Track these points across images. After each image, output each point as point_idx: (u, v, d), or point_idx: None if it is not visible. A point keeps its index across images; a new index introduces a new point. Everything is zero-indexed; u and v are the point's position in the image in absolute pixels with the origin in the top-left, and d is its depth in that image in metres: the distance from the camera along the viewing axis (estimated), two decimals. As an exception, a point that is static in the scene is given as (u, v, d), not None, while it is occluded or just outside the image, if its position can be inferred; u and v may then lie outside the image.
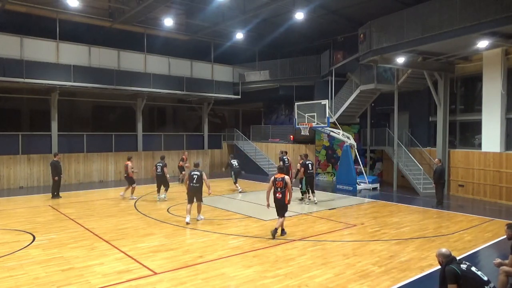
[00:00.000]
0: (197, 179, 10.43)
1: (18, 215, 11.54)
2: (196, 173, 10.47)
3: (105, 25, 19.70)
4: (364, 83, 17.94)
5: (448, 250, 5.02)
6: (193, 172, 10.51)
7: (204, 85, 22.33)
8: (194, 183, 10.42)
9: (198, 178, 10.43)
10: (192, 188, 10.43)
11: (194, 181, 10.41)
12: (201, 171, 10.54)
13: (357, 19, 18.26)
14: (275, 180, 9.11)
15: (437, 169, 13.25)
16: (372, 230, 9.94)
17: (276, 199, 9.12)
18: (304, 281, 6.45)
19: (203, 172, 10.53)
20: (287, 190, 9.06)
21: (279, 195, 9.05)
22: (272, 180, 9.16)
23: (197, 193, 10.50)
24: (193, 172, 10.51)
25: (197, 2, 18.88)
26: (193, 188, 10.43)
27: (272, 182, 9.14)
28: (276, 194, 9.08)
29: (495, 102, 14.28)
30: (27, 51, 16.95)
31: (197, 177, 10.43)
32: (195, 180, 10.41)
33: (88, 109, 22.48)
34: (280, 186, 9.05)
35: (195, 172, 10.48)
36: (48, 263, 7.25)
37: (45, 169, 18.06)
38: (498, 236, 9.27)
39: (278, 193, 9.05)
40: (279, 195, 9.05)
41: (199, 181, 10.44)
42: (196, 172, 10.48)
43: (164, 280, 6.45)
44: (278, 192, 9.05)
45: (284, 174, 9.32)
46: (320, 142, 21.07)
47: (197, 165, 10.91)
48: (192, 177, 10.43)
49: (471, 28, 11.55)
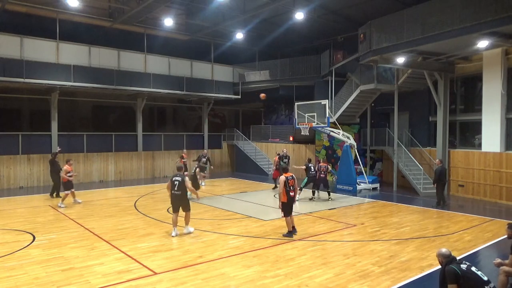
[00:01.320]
0: (178, 186, 9.10)
1: (18, 215, 11.54)
2: (177, 179, 9.15)
3: (105, 25, 19.70)
4: (364, 83, 17.94)
5: (448, 250, 5.02)
6: (174, 177, 9.18)
7: (204, 85, 22.33)
8: (175, 191, 9.13)
9: (180, 184, 9.10)
10: (174, 197, 9.18)
11: (176, 188, 9.11)
12: (183, 177, 9.20)
13: (357, 19, 18.26)
14: (287, 179, 9.07)
15: (437, 170, 13.22)
16: (372, 230, 9.94)
17: (291, 198, 9.14)
18: (304, 281, 6.45)
19: (185, 178, 9.21)
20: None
21: (292, 193, 9.15)
22: (284, 180, 9.05)
23: (181, 202, 9.25)
24: (175, 177, 9.17)
25: (197, 2, 18.88)
26: (175, 196, 9.16)
27: (285, 182, 9.04)
28: (290, 193, 9.09)
29: (495, 102, 14.28)
30: (27, 51, 16.95)
31: (179, 183, 9.10)
32: (176, 187, 9.10)
33: (88, 109, 22.48)
34: (292, 185, 9.12)
35: (176, 178, 9.15)
36: (48, 263, 7.25)
37: (45, 169, 18.04)
38: (498, 236, 9.28)
39: (292, 192, 9.11)
40: (292, 193, 9.14)
41: (181, 188, 9.12)
42: (177, 178, 9.16)
43: (164, 280, 6.45)
44: (291, 190, 9.10)
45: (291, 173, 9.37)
46: (320, 142, 21.07)
47: (180, 168, 9.54)
48: (174, 184, 9.12)
49: (471, 28, 11.56)
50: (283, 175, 9.16)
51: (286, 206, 9.10)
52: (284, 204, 9.10)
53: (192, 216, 11.24)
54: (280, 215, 9.33)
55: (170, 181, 9.22)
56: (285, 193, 9.03)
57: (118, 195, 15.43)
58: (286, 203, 9.09)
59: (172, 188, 9.17)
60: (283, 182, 9.04)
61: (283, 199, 9.07)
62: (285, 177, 9.09)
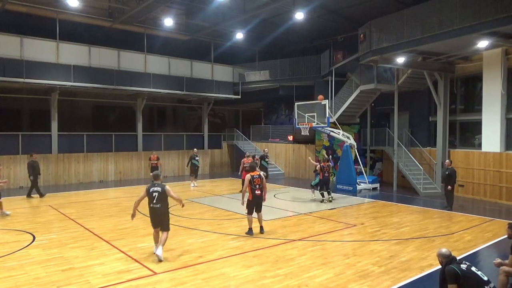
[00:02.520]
0: (158, 198, 7.50)
1: (18, 215, 11.54)
2: (156, 189, 7.54)
3: (105, 25, 19.70)
4: (364, 83, 17.95)
5: (448, 250, 5.02)
6: (152, 188, 7.57)
7: (204, 85, 22.33)
8: (154, 204, 7.56)
9: (159, 196, 7.49)
10: (153, 211, 7.59)
11: (154, 200, 7.53)
12: (164, 186, 7.60)
13: (357, 19, 18.27)
14: (253, 178, 9.24)
15: (452, 171, 12.71)
16: (372, 230, 9.94)
17: (257, 196, 9.28)
18: (304, 281, 6.45)
19: (166, 187, 7.60)
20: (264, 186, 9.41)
21: (258, 192, 9.27)
22: (249, 179, 9.21)
23: (161, 217, 7.59)
24: (152, 188, 7.57)
25: (197, 2, 18.88)
26: (154, 210, 7.58)
27: (250, 180, 9.21)
28: (256, 191, 9.24)
29: (495, 102, 14.28)
30: (27, 51, 16.95)
31: (158, 195, 7.49)
32: (155, 200, 7.52)
33: (88, 109, 22.47)
34: (259, 183, 9.28)
35: (154, 188, 7.56)
36: (48, 263, 7.25)
37: (45, 169, 18.07)
38: (498, 236, 9.28)
39: (257, 190, 9.26)
40: (258, 191, 9.26)
41: (161, 200, 7.52)
42: (156, 188, 7.56)
43: (164, 280, 6.45)
44: (257, 189, 9.26)
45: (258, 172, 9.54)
46: (320, 142, 21.08)
47: (157, 176, 7.84)
48: (152, 196, 7.54)
49: (471, 28, 11.56)
50: (248, 174, 9.32)
51: (251, 203, 9.25)
52: (249, 201, 9.27)
53: (192, 216, 11.30)
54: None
55: (146, 192, 7.57)
56: (251, 191, 9.19)
57: (118, 195, 15.43)
58: (251, 201, 9.24)
59: (150, 201, 7.58)
60: (248, 180, 9.19)
61: (249, 197, 9.25)
62: (251, 175, 9.22)
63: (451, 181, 12.55)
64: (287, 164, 22.78)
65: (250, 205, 9.29)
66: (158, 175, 7.89)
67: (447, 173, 12.59)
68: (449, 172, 12.58)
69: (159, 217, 7.63)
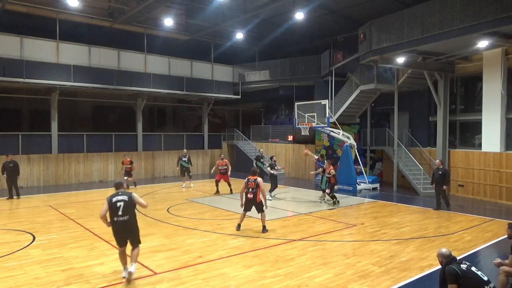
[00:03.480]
0: (124, 209, 6.34)
1: (18, 215, 11.54)
2: (121, 199, 6.38)
3: (105, 25, 19.69)
4: (364, 83, 17.94)
5: (448, 250, 5.02)
6: (115, 197, 6.37)
7: (204, 85, 22.33)
8: (120, 216, 6.32)
9: (126, 206, 6.36)
10: (119, 226, 6.36)
11: (120, 212, 6.31)
12: (130, 194, 6.51)
13: (357, 19, 18.25)
14: (248, 181, 9.57)
15: (447, 171, 12.78)
16: (372, 230, 9.94)
17: (248, 200, 9.60)
18: (304, 281, 6.45)
19: (133, 194, 6.54)
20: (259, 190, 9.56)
21: (250, 195, 9.54)
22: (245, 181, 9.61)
23: (129, 230, 6.46)
24: (116, 197, 6.37)
25: (197, 2, 18.88)
26: (120, 224, 6.35)
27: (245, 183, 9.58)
28: (249, 194, 9.55)
29: (495, 102, 14.28)
30: (27, 51, 16.95)
31: (124, 204, 6.35)
32: (121, 211, 6.32)
33: (88, 109, 22.48)
34: (252, 187, 9.52)
35: (119, 198, 6.38)
36: (48, 263, 7.25)
37: (45, 169, 18.09)
38: (498, 236, 9.27)
39: (250, 193, 9.54)
40: (250, 195, 9.54)
41: (128, 211, 6.38)
42: (121, 197, 6.39)
43: (164, 280, 6.45)
44: (250, 192, 9.53)
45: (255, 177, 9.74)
46: (320, 142, 21.07)
47: (120, 184, 6.65)
48: (116, 206, 6.32)
49: (471, 28, 11.56)
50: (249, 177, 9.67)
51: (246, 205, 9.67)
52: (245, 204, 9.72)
53: (192, 216, 11.31)
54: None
55: (108, 204, 6.35)
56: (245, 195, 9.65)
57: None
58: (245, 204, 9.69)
59: (113, 213, 6.35)
60: (244, 183, 9.62)
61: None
62: (247, 178, 9.64)
63: (446, 181, 12.47)
64: (287, 164, 22.76)
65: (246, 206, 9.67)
66: (121, 183, 6.72)
67: (440, 173, 12.39)
68: (442, 172, 12.44)
69: (128, 231, 6.44)
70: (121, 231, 6.45)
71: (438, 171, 12.50)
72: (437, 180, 12.46)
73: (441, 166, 12.62)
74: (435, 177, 12.61)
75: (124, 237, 6.51)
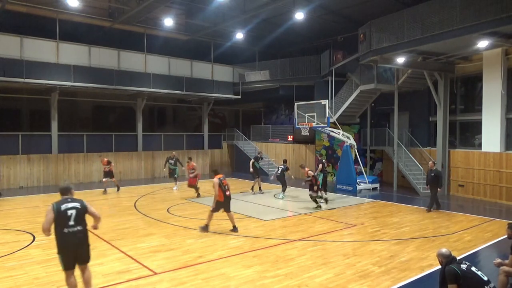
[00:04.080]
0: (76, 218, 5.36)
1: (18, 215, 11.54)
2: (73, 206, 5.41)
3: (105, 25, 19.70)
4: (364, 83, 17.94)
5: (448, 250, 5.02)
6: (64, 205, 5.36)
7: (204, 85, 22.33)
8: (71, 227, 5.31)
9: (78, 214, 5.39)
10: (70, 237, 5.29)
11: (71, 221, 5.32)
12: (82, 201, 5.54)
13: (357, 19, 18.26)
14: (221, 180, 9.53)
15: (439, 172, 12.69)
16: (372, 230, 9.94)
17: (228, 197, 9.63)
18: (304, 281, 6.45)
19: (86, 202, 5.59)
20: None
21: (228, 193, 9.64)
22: (218, 182, 9.46)
23: (81, 245, 5.42)
24: (65, 205, 5.36)
25: (197, 2, 18.89)
26: (72, 236, 5.30)
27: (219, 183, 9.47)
28: (226, 192, 9.56)
29: (495, 102, 14.28)
30: (27, 51, 16.95)
31: (77, 213, 5.38)
32: (72, 220, 5.32)
33: (88, 109, 22.48)
34: (226, 184, 9.63)
35: (69, 205, 5.39)
36: (48, 263, 7.25)
37: (45, 169, 18.08)
38: (498, 236, 9.28)
39: (227, 191, 9.61)
40: (228, 192, 9.63)
41: (80, 220, 5.41)
42: (72, 205, 5.42)
43: (164, 280, 6.45)
44: (227, 190, 9.61)
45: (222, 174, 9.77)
46: (320, 142, 21.07)
47: (68, 190, 5.60)
48: (66, 215, 5.30)
49: (471, 28, 11.56)
50: (215, 177, 9.54)
51: (221, 204, 9.54)
52: (219, 202, 9.52)
53: (192, 216, 11.35)
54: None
55: (54, 212, 5.27)
56: (222, 193, 9.46)
57: (118, 195, 15.43)
58: (222, 202, 9.53)
59: (64, 223, 5.28)
60: (218, 183, 9.42)
61: (219, 198, 9.48)
62: (218, 178, 9.50)
63: (440, 183, 12.31)
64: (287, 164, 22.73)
65: (219, 205, 9.55)
66: (69, 188, 5.62)
67: (433, 175, 12.20)
68: (435, 173, 12.27)
69: (81, 245, 5.40)
70: (73, 244, 5.31)
71: (431, 172, 12.35)
72: (430, 181, 12.34)
73: (434, 168, 12.50)
74: (428, 178, 12.54)
75: (74, 252, 5.36)
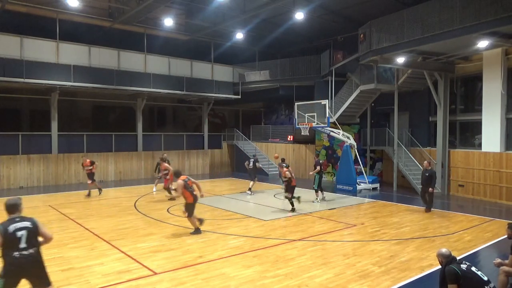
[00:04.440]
0: (28, 240, 4.67)
1: (18, 215, 11.52)
2: (23, 226, 4.69)
3: (105, 25, 19.70)
4: (364, 83, 17.94)
5: (448, 250, 5.02)
6: (12, 225, 4.64)
7: (204, 85, 22.34)
8: (23, 250, 4.61)
9: (30, 235, 4.71)
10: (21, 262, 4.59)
11: (22, 244, 4.62)
12: (33, 219, 4.81)
13: (357, 19, 18.26)
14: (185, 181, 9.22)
15: (433, 173, 12.38)
16: (372, 230, 9.94)
17: (197, 197, 9.38)
18: (304, 281, 6.45)
19: (37, 221, 4.83)
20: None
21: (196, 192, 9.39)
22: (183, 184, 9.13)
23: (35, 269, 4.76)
24: (14, 225, 4.64)
25: (197, 2, 18.89)
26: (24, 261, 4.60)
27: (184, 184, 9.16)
28: (194, 192, 9.33)
29: (495, 102, 14.28)
30: (27, 51, 16.95)
31: (28, 233, 4.69)
32: (24, 242, 4.62)
33: (88, 109, 22.49)
34: (192, 185, 9.37)
35: (19, 225, 4.67)
36: (48, 263, 7.17)
37: (45, 169, 18.08)
38: (498, 236, 9.28)
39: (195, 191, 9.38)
40: (195, 192, 9.39)
41: (33, 242, 4.73)
42: (22, 224, 4.69)
43: (164, 280, 6.45)
44: (195, 190, 9.38)
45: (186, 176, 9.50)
46: (320, 142, 21.07)
47: (15, 207, 4.83)
48: (15, 237, 4.59)
49: (471, 28, 11.56)
50: (180, 179, 9.24)
51: (192, 206, 9.27)
52: (189, 204, 9.24)
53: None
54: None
55: (3, 235, 4.55)
56: (190, 194, 9.20)
57: (118, 195, 15.43)
58: (192, 204, 9.26)
59: (13, 247, 4.58)
60: (182, 186, 9.09)
61: (188, 200, 9.21)
62: (183, 180, 9.21)
63: (433, 183, 12.05)
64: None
65: (191, 207, 9.26)
66: (16, 204, 4.84)
67: (427, 175, 12.01)
68: (429, 173, 12.04)
69: (35, 270, 4.73)
70: (26, 270, 4.63)
71: (426, 172, 12.14)
72: (424, 181, 12.16)
73: (429, 168, 12.22)
74: (422, 178, 12.34)
75: (29, 278, 4.71)
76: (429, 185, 12.00)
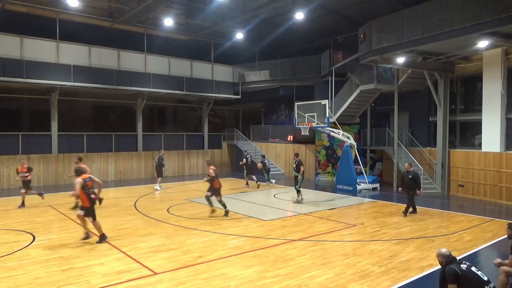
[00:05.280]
0: None
1: (18, 215, 11.54)
2: None
3: (105, 25, 19.70)
4: (364, 83, 17.95)
5: (448, 250, 5.02)
6: None
7: (204, 85, 22.33)
8: None
9: None
10: None
11: None
12: None
13: (357, 19, 18.26)
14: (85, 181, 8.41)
15: (417, 174, 11.97)
16: (372, 230, 9.94)
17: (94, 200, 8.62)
18: (304, 281, 6.45)
19: None
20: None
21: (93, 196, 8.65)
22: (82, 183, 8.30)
23: None
24: None
25: (197, 2, 18.89)
26: None
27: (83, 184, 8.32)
28: (91, 195, 8.55)
29: (495, 102, 14.28)
30: (27, 51, 16.95)
31: None
32: None
33: (88, 109, 22.48)
34: (91, 186, 8.63)
35: None
36: (48, 263, 7.25)
37: (45, 169, 18.07)
38: (498, 236, 9.28)
39: (92, 194, 8.59)
40: (93, 195, 8.63)
41: None
42: None
43: (164, 280, 6.45)
44: (92, 193, 8.60)
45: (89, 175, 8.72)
46: (320, 142, 21.07)
47: None
48: None
49: (471, 28, 11.56)
50: (80, 178, 8.36)
51: (91, 210, 8.46)
52: (88, 208, 8.41)
53: (192, 216, 11.32)
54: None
55: None
56: (87, 197, 8.39)
57: (118, 195, 15.43)
58: (90, 208, 8.43)
59: None
60: (81, 183, 8.24)
61: (84, 204, 8.39)
62: (83, 179, 8.35)
63: (418, 185, 11.62)
64: (287, 164, 22.76)
65: (91, 211, 8.46)
66: None
67: (410, 177, 11.55)
68: (412, 175, 11.61)
69: None
70: None
71: (408, 174, 11.73)
72: (407, 184, 11.69)
73: (411, 169, 11.87)
74: (404, 181, 11.85)
75: None
76: (414, 187, 11.54)
